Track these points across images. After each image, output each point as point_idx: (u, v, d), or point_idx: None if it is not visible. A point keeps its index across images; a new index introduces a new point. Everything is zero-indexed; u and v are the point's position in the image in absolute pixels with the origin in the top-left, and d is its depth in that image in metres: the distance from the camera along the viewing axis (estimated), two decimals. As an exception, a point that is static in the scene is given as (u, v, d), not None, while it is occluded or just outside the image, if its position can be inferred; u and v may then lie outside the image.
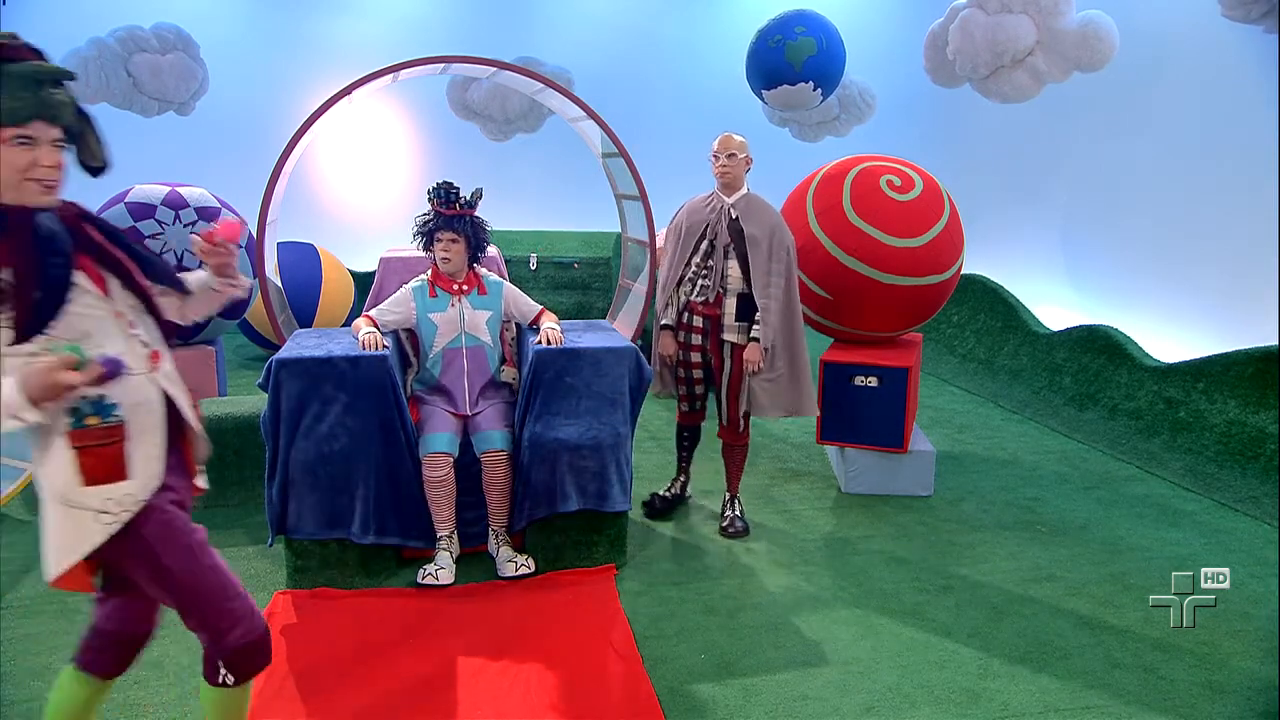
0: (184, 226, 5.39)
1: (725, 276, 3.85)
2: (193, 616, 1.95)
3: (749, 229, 3.81)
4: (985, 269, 7.71)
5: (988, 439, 5.55)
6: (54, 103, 1.77)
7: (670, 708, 2.71)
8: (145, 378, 1.91)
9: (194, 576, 1.92)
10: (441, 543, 3.53)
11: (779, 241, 3.82)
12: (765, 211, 3.87)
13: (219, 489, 4.29)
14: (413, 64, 5.36)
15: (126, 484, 1.86)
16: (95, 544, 1.83)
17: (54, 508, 1.85)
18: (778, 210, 3.94)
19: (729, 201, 3.88)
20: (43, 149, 1.76)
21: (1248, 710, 2.74)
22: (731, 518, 4.07)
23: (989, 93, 6.05)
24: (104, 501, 1.83)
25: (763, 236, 3.80)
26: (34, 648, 3.03)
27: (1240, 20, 4.79)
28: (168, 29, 7.42)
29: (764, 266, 3.79)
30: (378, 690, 2.75)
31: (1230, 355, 5.10)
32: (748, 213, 3.84)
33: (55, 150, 1.79)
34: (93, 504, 1.82)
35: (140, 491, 1.88)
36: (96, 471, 1.82)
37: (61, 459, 1.82)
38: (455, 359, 3.69)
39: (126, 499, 1.86)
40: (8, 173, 1.75)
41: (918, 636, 3.15)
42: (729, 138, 3.86)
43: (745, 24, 7.58)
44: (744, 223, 3.82)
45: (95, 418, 1.82)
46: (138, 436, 1.88)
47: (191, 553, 1.93)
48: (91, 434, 1.81)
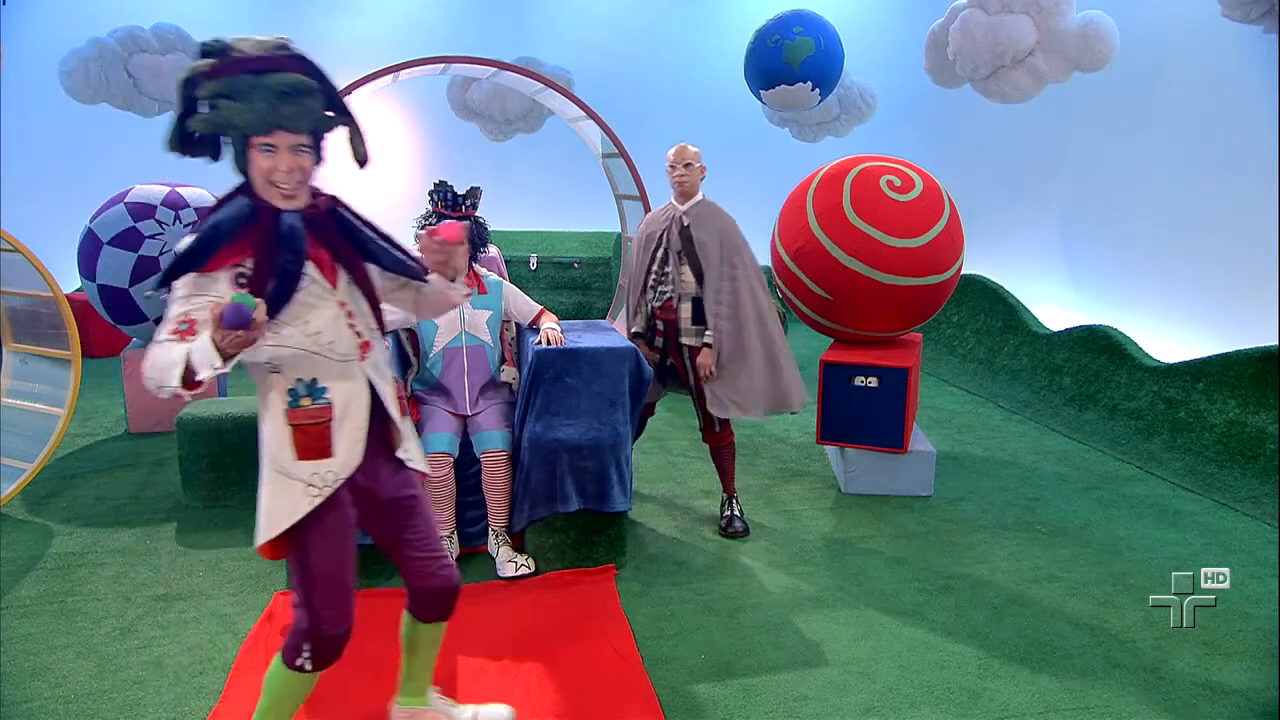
0: (184, 226, 5.39)
1: (679, 282, 3.96)
2: (307, 594, 2.08)
3: (698, 235, 3.93)
4: (985, 269, 7.71)
5: (988, 439, 5.55)
6: (294, 115, 1.92)
7: (670, 708, 2.71)
8: (354, 365, 2.08)
9: (329, 562, 2.07)
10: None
11: (729, 245, 3.93)
12: (716, 218, 3.98)
13: (219, 489, 4.30)
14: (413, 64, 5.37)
15: (330, 461, 2.05)
16: (302, 514, 2.03)
17: (271, 476, 2.06)
18: (732, 216, 4.03)
19: (682, 209, 4.00)
20: (282, 156, 1.93)
21: (1248, 710, 2.74)
22: (730, 517, 4.08)
23: (989, 93, 6.06)
24: (311, 475, 2.03)
25: (712, 242, 3.91)
26: (34, 648, 3.03)
27: (1240, 20, 4.79)
28: (168, 29, 7.42)
29: (715, 271, 3.90)
30: (378, 691, 2.75)
31: (1230, 355, 5.10)
32: (699, 220, 3.95)
33: (296, 156, 1.95)
34: (303, 476, 2.03)
35: (342, 470, 2.06)
36: (307, 448, 2.03)
37: (282, 434, 2.03)
38: (455, 359, 3.69)
39: (329, 475, 2.04)
40: (256, 175, 1.96)
41: (918, 636, 3.15)
42: (684, 148, 4.00)
43: (745, 24, 7.59)
44: (694, 229, 3.94)
45: (308, 398, 2.03)
46: (341, 419, 2.06)
47: (333, 562, 2.08)
48: (304, 413, 2.03)
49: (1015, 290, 7.38)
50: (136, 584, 3.51)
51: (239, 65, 1.89)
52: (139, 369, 5.38)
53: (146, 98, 7.45)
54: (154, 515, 4.21)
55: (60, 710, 2.67)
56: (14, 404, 4.44)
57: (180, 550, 3.83)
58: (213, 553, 3.80)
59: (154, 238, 5.30)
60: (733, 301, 3.90)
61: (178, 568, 3.66)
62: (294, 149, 1.94)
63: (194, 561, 3.72)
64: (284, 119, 1.90)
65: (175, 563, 3.71)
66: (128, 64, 7.28)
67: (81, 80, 7.18)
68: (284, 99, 1.89)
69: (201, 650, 3.02)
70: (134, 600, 3.37)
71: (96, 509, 4.28)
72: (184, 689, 2.79)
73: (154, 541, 3.91)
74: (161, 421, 5.45)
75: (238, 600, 3.39)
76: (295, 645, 2.10)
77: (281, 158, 1.93)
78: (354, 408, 2.08)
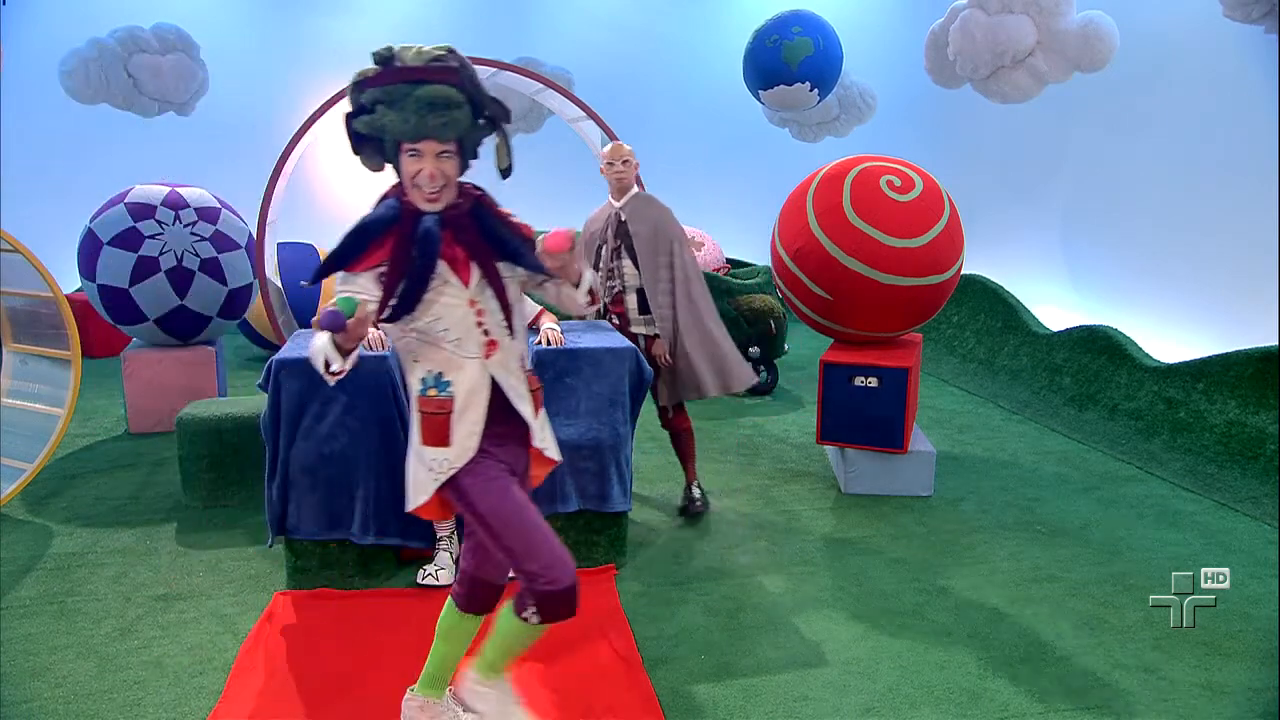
0: (184, 226, 5.40)
1: (623, 275, 4.10)
2: (506, 556, 2.21)
3: (634, 227, 4.06)
4: (985, 269, 7.71)
5: (988, 439, 5.55)
6: (440, 126, 2.03)
7: (670, 708, 2.71)
8: (479, 363, 2.19)
9: (503, 524, 2.17)
10: (441, 543, 3.53)
11: (663, 235, 4.05)
12: (650, 209, 4.11)
13: (219, 489, 4.30)
14: (413, 64, 5.36)
15: (447, 450, 2.18)
16: (429, 492, 2.21)
17: (412, 455, 2.24)
18: (668, 207, 4.15)
19: (618, 205, 4.12)
20: (426, 161, 2.06)
21: (1248, 710, 2.74)
22: (691, 499, 4.26)
23: (989, 93, 6.05)
24: (431, 460, 2.19)
25: (646, 233, 4.04)
26: (34, 648, 3.03)
27: (1241, 20, 4.79)
28: (168, 29, 7.42)
29: (651, 262, 4.04)
30: (378, 691, 2.75)
31: (1230, 355, 5.10)
32: (634, 213, 4.08)
33: (439, 162, 2.07)
34: (426, 459, 2.20)
35: (456, 460, 2.18)
36: (430, 435, 2.18)
37: (415, 417, 2.22)
38: (455, 359, 3.69)
39: (444, 463, 2.18)
40: (404, 178, 2.11)
41: (918, 636, 3.15)
42: (620, 146, 4.17)
43: (745, 24, 7.59)
44: (630, 223, 4.07)
45: (435, 390, 2.18)
46: (461, 413, 2.18)
47: (504, 504, 2.19)
48: (430, 403, 2.18)
49: (1015, 290, 7.38)
50: (136, 584, 3.51)
51: (397, 74, 2.02)
52: (139, 369, 5.44)
53: (146, 98, 7.44)
54: (154, 515, 4.21)
55: (60, 710, 2.67)
56: (14, 404, 4.44)
57: (180, 550, 3.83)
58: (213, 553, 3.80)
59: (154, 238, 5.30)
60: (669, 289, 4.05)
61: (178, 568, 3.66)
62: (438, 155, 2.07)
63: (194, 561, 3.72)
64: (429, 129, 2.03)
65: (175, 563, 3.71)
66: (128, 64, 7.27)
67: (81, 80, 7.17)
68: (431, 110, 2.01)
69: (201, 650, 3.02)
70: (134, 600, 3.37)
71: (96, 509, 4.28)
72: (184, 689, 2.79)
73: (154, 541, 3.91)
74: (161, 421, 5.45)
75: (238, 600, 3.39)
76: (523, 598, 2.21)
77: (426, 163, 2.06)
78: (474, 403, 2.19)
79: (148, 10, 7.66)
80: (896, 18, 8.77)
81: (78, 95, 7.29)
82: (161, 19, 7.51)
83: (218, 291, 5.49)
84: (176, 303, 5.37)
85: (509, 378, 2.24)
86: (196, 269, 5.37)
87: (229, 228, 5.59)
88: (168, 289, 5.32)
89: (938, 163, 5.78)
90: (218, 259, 5.46)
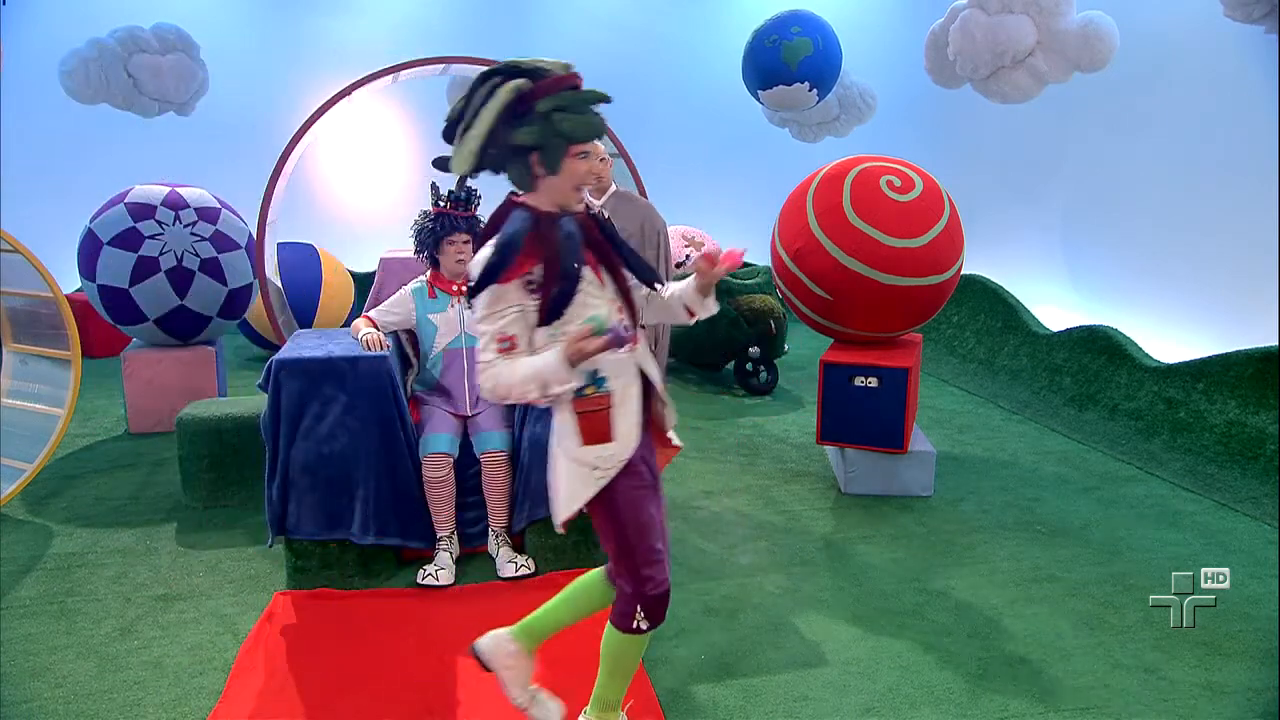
0: (184, 227, 5.40)
1: None
2: (625, 562, 2.25)
3: (618, 223, 4.03)
4: (985, 269, 7.71)
5: (988, 439, 5.55)
6: (602, 124, 2.18)
7: (670, 708, 2.71)
8: (627, 356, 2.26)
9: (638, 527, 2.24)
10: (441, 543, 3.54)
11: (650, 229, 4.07)
12: (632, 204, 4.12)
13: (219, 489, 4.30)
14: (413, 64, 5.37)
15: (612, 445, 2.21)
16: (591, 494, 2.22)
17: (564, 463, 2.25)
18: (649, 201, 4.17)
19: (599, 204, 4.09)
20: (594, 158, 2.24)
21: (1248, 710, 2.74)
22: None
23: (989, 93, 6.05)
24: (596, 459, 2.21)
25: (632, 229, 4.02)
26: (34, 648, 3.03)
27: (1242, 20, 4.79)
28: (168, 29, 7.41)
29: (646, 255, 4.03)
30: (378, 691, 2.75)
31: (1230, 355, 5.10)
32: (617, 210, 4.06)
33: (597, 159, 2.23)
34: (589, 460, 2.21)
35: (622, 452, 2.22)
36: (591, 433, 2.20)
37: (570, 423, 2.21)
38: (455, 360, 3.69)
39: (612, 459, 2.21)
40: (568, 182, 2.17)
41: (918, 636, 3.15)
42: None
43: (745, 24, 7.58)
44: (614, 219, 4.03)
45: (591, 388, 2.20)
46: (620, 406, 2.23)
47: (642, 507, 2.25)
48: (588, 402, 2.20)
49: (1015, 290, 7.38)
50: (136, 584, 3.51)
51: (562, 82, 2.12)
52: (139, 369, 5.44)
53: (146, 98, 7.43)
54: (154, 515, 4.21)
55: (60, 710, 2.68)
56: (14, 404, 4.44)
57: (180, 550, 3.83)
58: (213, 553, 3.80)
59: (154, 238, 5.30)
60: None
61: (178, 568, 3.66)
62: None
63: (194, 561, 3.72)
64: (601, 128, 2.18)
65: (175, 563, 3.71)
66: (128, 64, 7.27)
67: (81, 80, 7.16)
68: (595, 110, 2.16)
69: (201, 650, 3.02)
70: (134, 600, 3.37)
71: (96, 509, 4.28)
72: (184, 689, 2.79)
73: (154, 541, 3.91)
74: (161, 421, 5.45)
75: (238, 600, 3.39)
76: (627, 611, 2.26)
77: (594, 160, 2.30)
78: (629, 395, 2.25)
79: (148, 10, 7.65)
80: (896, 18, 8.77)
81: (78, 95, 7.28)
82: (161, 19, 7.50)
83: (218, 291, 5.49)
84: (176, 303, 5.37)
85: (651, 367, 2.34)
86: (196, 269, 5.37)
87: (229, 228, 5.59)
88: (168, 289, 5.32)
89: (938, 163, 5.78)
90: (218, 259, 5.46)
